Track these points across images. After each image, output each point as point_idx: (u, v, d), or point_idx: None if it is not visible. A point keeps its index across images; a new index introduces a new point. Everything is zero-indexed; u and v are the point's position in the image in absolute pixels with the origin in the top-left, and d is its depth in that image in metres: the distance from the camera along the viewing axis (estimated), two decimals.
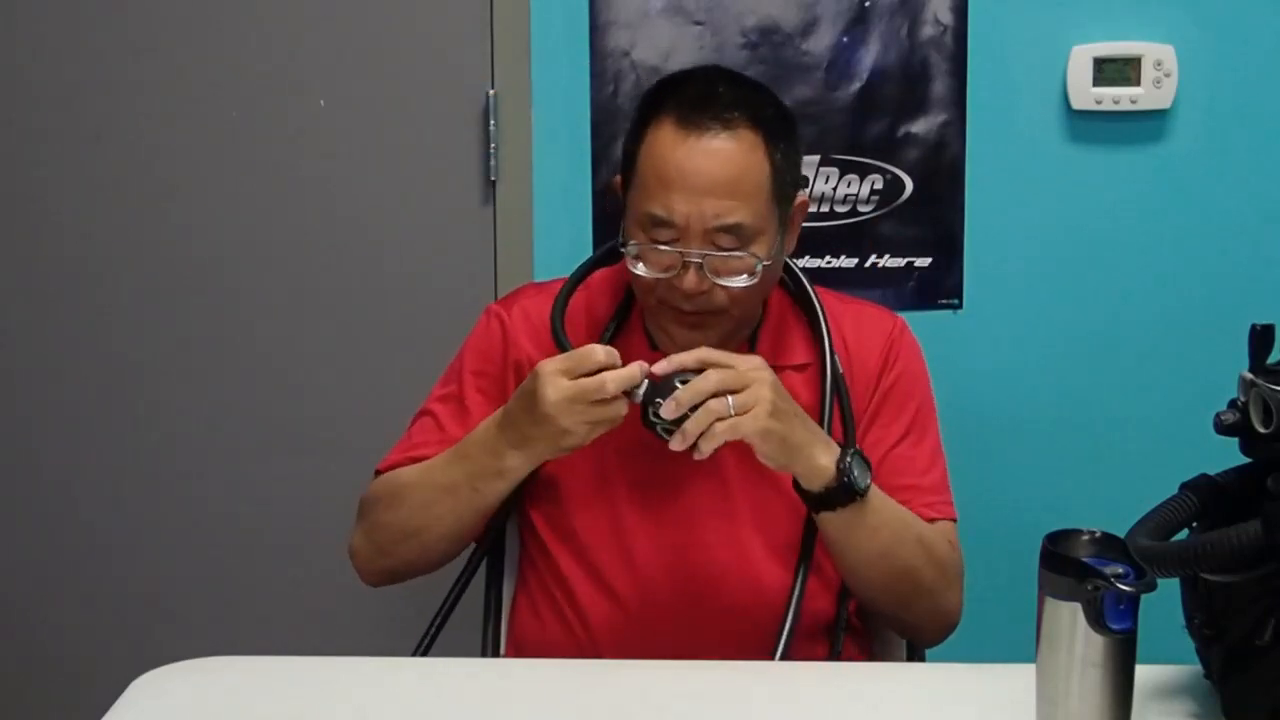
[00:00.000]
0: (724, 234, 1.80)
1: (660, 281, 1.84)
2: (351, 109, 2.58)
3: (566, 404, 1.72)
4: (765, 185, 1.83)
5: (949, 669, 1.79)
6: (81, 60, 2.59)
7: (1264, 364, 1.50)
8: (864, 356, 1.96)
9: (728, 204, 1.80)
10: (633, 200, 1.86)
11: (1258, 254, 2.57)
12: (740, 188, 1.81)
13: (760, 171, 1.83)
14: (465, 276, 2.59)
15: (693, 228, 1.80)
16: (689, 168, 1.80)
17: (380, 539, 1.93)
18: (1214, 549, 1.43)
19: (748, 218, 1.81)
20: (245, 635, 2.40)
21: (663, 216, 1.80)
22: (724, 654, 1.80)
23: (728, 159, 1.81)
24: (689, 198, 1.79)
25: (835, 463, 1.77)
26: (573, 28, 2.52)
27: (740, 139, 1.82)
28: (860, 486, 1.77)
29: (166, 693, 1.69)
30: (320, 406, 2.66)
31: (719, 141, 1.81)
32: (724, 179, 1.80)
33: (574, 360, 1.74)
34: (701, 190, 1.79)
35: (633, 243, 1.84)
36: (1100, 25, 2.51)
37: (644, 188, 1.83)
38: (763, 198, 1.82)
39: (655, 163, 1.82)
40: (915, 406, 1.97)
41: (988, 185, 2.57)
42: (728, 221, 1.80)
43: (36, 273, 2.66)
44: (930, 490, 1.95)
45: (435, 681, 1.72)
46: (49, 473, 2.71)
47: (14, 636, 2.74)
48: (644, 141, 1.85)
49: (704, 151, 1.81)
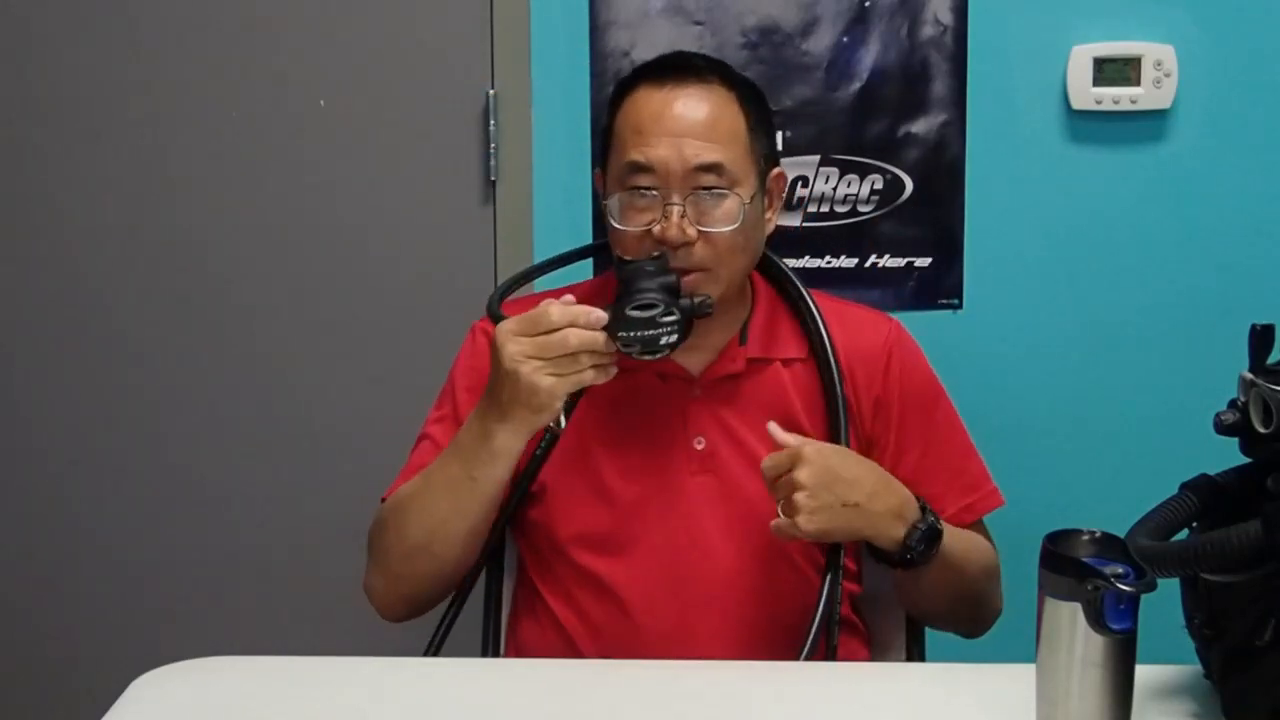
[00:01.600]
0: (705, 173, 1.81)
1: (644, 243, 1.82)
2: (351, 109, 2.58)
3: (524, 359, 1.70)
4: (742, 134, 1.84)
5: (949, 669, 1.78)
6: (82, 60, 2.59)
7: (1264, 364, 1.50)
8: (856, 361, 1.95)
9: (706, 144, 1.81)
10: (612, 164, 1.87)
11: (1258, 254, 2.57)
12: (717, 130, 1.82)
13: (736, 120, 1.84)
14: (465, 276, 2.59)
15: (673, 170, 1.80)
16: (666, 113, 1.82)
17: (392, 563, 1.89)
18: (1214, 549, 1.43)
19: (727, 159, 1.82)
20: (245, 635, 2.40)
21: (641, 162, 1.81)
22: (721, 651, 1.80)
23: (703, 101, 1.83)
24: (668, 141, 1.81)
25: (904, 538, 1.79)
26: (573, 28, 2.53)
27: (715, 92, 1.85)
28: (921, 562, 1.80)
29: (166, 693, 1.69)
30: (320, 406, 2.66)
31: (693, 90, 1.84)
32: (701, 121, 1.82)
33: (528, 321, 1.72)
34: (679, 132, 1.81)
35: (614, 196, 1.85)
36: (1100, 25, 2.51)
37: (621, 144, 1.85)
38: (740, 145, 1.84)
39: (632, 118, 1.84)
40: (932, 410, 1.98)
41: (988, 185, 2.57)
42: (707, 160, 1.81)
43: (36, 273, 2.66)
44: (970, 488, 1.97)
45: (435, 681, 1.72)
46: (49, 473, 2.71)
47: (14, 636, 2.74)
48: (619, 110, 1.87)
49: (680, 97, 1.83)
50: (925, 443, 1.96)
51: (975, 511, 1.96)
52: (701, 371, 1.92)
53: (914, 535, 1.78)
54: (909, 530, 1.79)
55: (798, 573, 1.91)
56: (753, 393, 1.92)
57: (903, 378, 1.96)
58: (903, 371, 1.97)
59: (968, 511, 1.95)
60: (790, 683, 1.73)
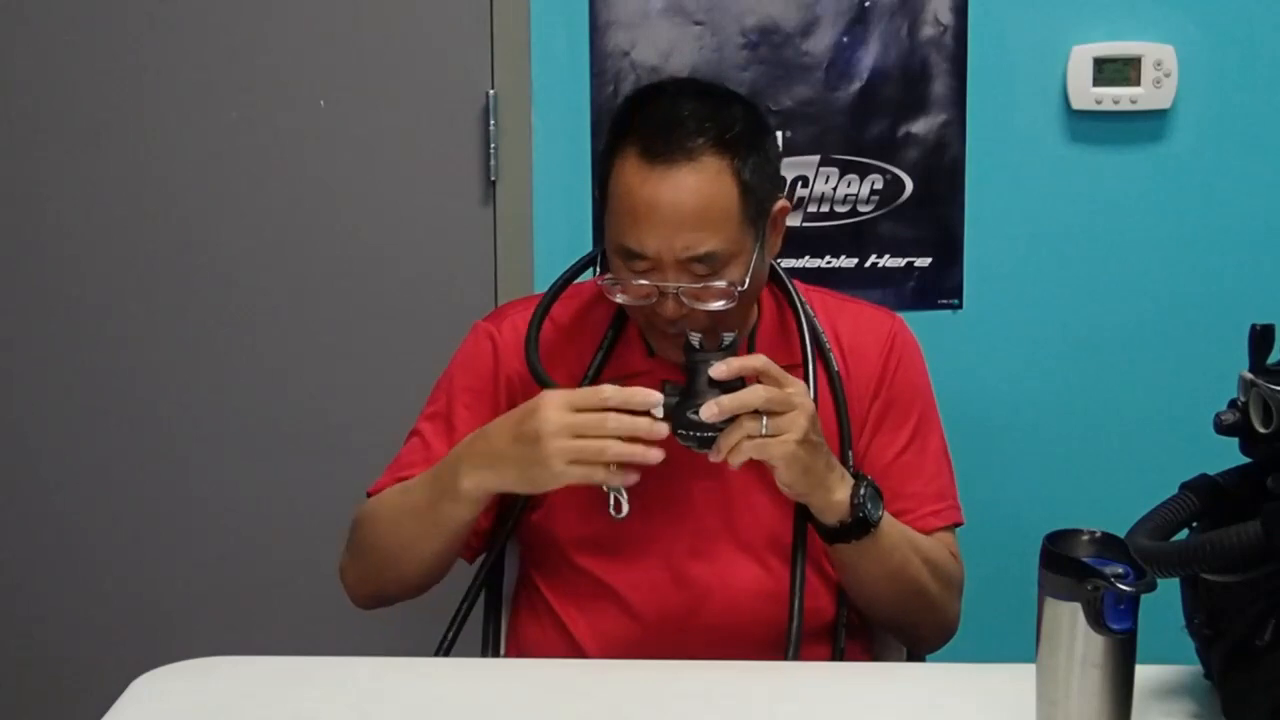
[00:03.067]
0: (697, 264, 1.80)
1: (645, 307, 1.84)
2: (351, 109, 2.58)
3: (557, 432, 1.70)
4: (735, 209, 1.81)
5: (949, 669, 1.79)
6: (81, 60, 2.59)
7: (1264, 364, 1.50)
8: (861, 357, 1.96)
9: (697, 235, 1.79)
10: (608, 228, 1.86)
11: (1258, 254, 2.57)
12: (709, 217, 1.79)
13: (728, 197, 1.80)
14: (465, 276, 2.59)
15: (665, 260, 1.79)
16: (656, 203, 1.79)
17: (362, 564, 1.94)
18: (1214, 549, 1.43)
19: (719, 245, 1.79)
20: (245, 635, 2.40)
21: (636, 250, 1.80)
22: (724, 655, 1.80)
23: (693, 190, 1.79)
24: (659, 232, 1.79)
25: (850, 497, 1.78)
26: (573, 28, 2.53)
27: (705, 168, 1.79)
28: (874, 519, 1.79)
29: (166, 693, 1.69)
30: (320, 406, 2.66)
31: (683, 174, 1.79)
32: (691, 211, 1.78)
33: (579, 396, 1.73)
34: (671, 224, 1.78)
35: (608, 276, 1.85)
36: (1100, 25, 2.51)
37: (615, 221, 1.83)
38: (733, 223, 1.81)
39: (623, 197, 1.82)
40: (919, 412, 1.98)
41: (988, 185, 2.57)
42: (698, 252, 1.79)
43: (35, 273, 2.66)
44: (936, 497, 1.95)
45: (435, 681, 1.72)
46: (49, 473, 2.71)
47: (14, 636, 2.74)
48: (612, 170, 1.84)
49: (670, 185, 1.79)
50: (909, 439, 1.95)
51: (942, 519, 1.96)
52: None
53: (858, 493, 1.78)
54: (853, 491, 1.79)
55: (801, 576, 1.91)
56: None
57: (899, 370, 1.97)
58: (900, 364, 1.97)
59: (935, 517, 1.95)
60: (790, 683, 1.73)
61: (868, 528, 1.79)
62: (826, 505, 1.79)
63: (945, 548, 1.93)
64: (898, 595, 1.88)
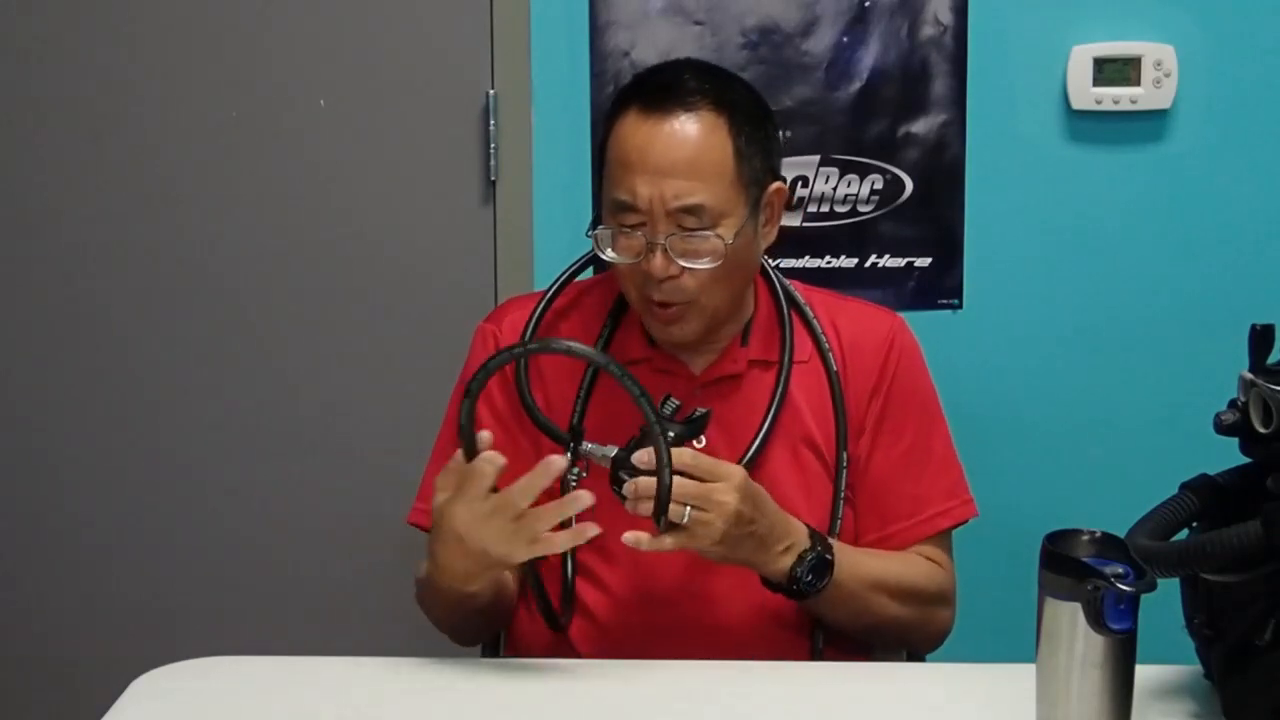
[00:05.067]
0: (686, 214, 1.81)
1: (634, 270, 1.84)
2: (351, 109, 2.58)
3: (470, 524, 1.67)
4: (728, 166, 1.83)
5: (949, 669, 1.79)
6: (81, 60, 2.59)
7: (1264, 364, 1.50)
8: (861, 356, 1.96)
9: (688, 184, 1.80)
10: (603, 190, 1.88)
11: (1258, 254, 2.57)
12: (700, 168, 1.81)
13: (722, 152, 1.82)
14: (465, 276, 2.59)
15: (655, 210, 1.80)
16: (649, 150, 1.81)
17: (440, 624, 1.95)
18: (1214, 549, 1.43)
19: (709, 199, 1.81)
20: (245, 635, 2.40)
21: (627, 201, 1.81)
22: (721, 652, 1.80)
23: (686, 139, 1.81)
24: (650, 180, 1.80)
25: (790, 568, 1.78)
26: (573, 28, 2.53)
27: (701, 120, 1.82)
28: (813, 591, 1.80)
29: (166, 693, 1.69)
30: (320, 406, 2.66)
31: (678, 123, 1.82)
32: (683, 159, 1.81)
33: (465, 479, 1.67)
34: (662, 171, 1.80)
35: (602, 227, 1.86)
36: (1100, 25, 2.51)
37: (610, 175, 1.85)
38: (725, 179, 1.82)
39: (618, 149, 1.84)
40: (920, 411, 1.98)
41: (988, 185, 2.57)
42: (688, 202, 1.80)
43: (35, 273, 2.65)
44: (945, 495, 1.96)
45: (435, 681, 1.72)
46: (49, 473, 2.70)
47: (14, 636, 2.74)
48: (611, 133, 1.87)
49: (664, 134, 1.81)
50: (912, 439, 1.96)
51: (953, 517, 1.96)
52: (703, 370, 1.93)
53: (801, 565, 1.78)
54: (796, 561, 1.78)
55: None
56: (752, 393, 1.92)
57: (899, 370, 1.97)
58: (900, 364, 1.97)
59: (943, 517, 1.95)
60: (790, 683, 1.73)
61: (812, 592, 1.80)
62: (766, 573, 1.80)
63: (929, 566, 1.93)
64: (867, 629, 1.90)
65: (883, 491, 1.92)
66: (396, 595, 2.09)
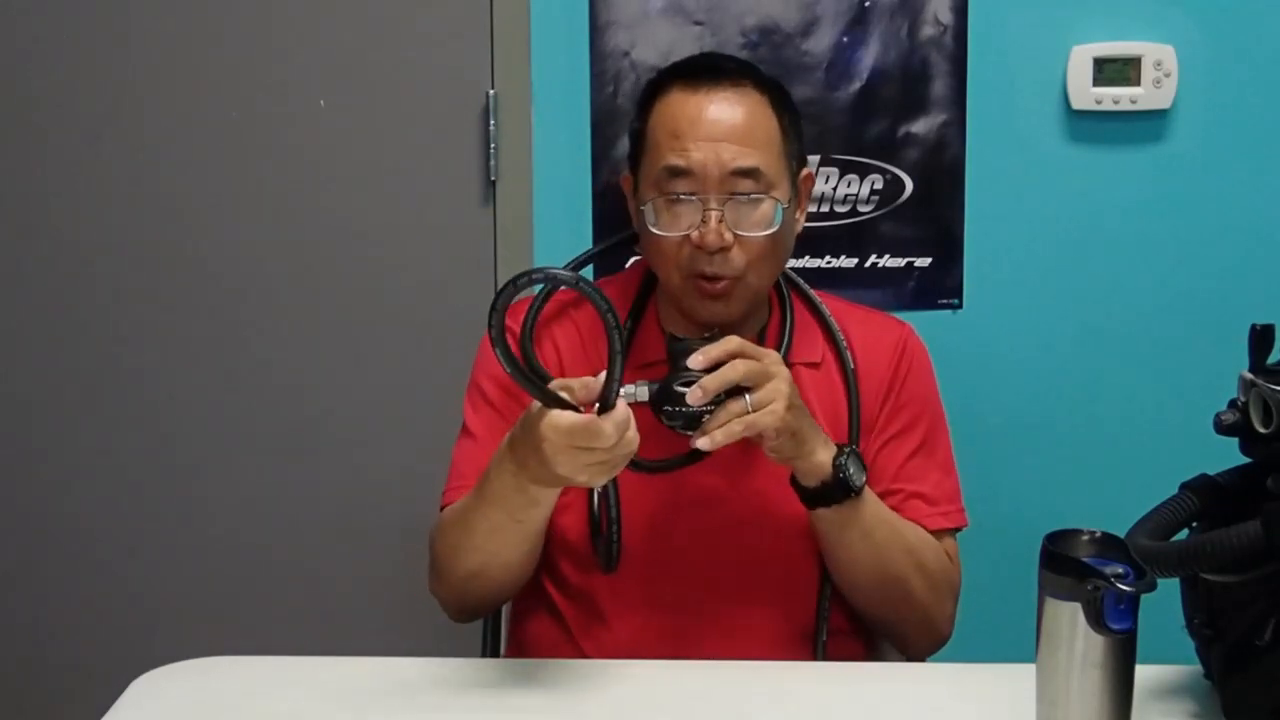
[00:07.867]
0: (743, 178, 1.81)
1: (681, 246, 1.83)
2: (351, 109, 2.58)
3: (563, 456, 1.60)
4: (776, 138, 1.85)
5: (949, 669, 1.79)
6: (82, 60, 2.59)
7: (1264, 364, 1.51)
8: (873, 360, 1.97)
9: (744, 149, 1.82)
10: (646, 167, 1.86)
11: (1258, 254, 2.57)
12: (754, 135, 1.83)
13: (770, 124, 1.85)
14: (465, 276, 2.59)
15: (710, 173, 1.81)
16: (703, 117, 1.82)
17: (453, 582, 1.87)
18: (1214, 549, 1.43)
19: (763, 163, 1.82)
20: (245, 635, 2.40)
21: (680, 165, 1.81)
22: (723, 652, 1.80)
23: (738, 105, 1.84)
24: (705, 144, 1.81)
25: (832, 459, 1.78)
26: (573, 28, 2.52)
27: (748, 95, 1.85)
28: (855, 484, 1.79)
29: (166, 693, 1.69)
30: (320, 406, 2.66)
31: (728, 93, 1.84)
32: (738, 125, 1.82)
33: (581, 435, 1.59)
34: (717, 135, 1.81)
35: (649, 202, 1.84)
36: (1100, 25, 2.51)
37: (657, 148, 1.85)
38: (775, 149, 1.84)
39: (667, 121, 1.84)
40: (928, 419, 1.99)
41: (988, 185, 2.57)
42: (745, 165, 1.81)
43: (35, 273, 2.65)
44: (943, 500, 1.96)
45: (435, 681, 1.72)
46: (49, 473, 2.70)
47: (14, 636, 2.74)
48: (652, 112, 1.87)
49: (715, 101, 1.83)
50: (918, 444, 1.96)
51: (950, 519, 1.97)
52: None
53: (842, 456, 1.78)
54: (835, 454, 1.78)
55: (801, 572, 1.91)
56: None
57: (910, 376, 1.98)
58: (911, 371, 1.98)
59: (941, 518, 1.95)
60: (790, 683, 1.73)
61: (849, 491, 1.78)
62: (810, 467, 1.79)
63: (940, 549, 1.93)
64: (879, 580, 1.87)
65: (885, 493, 1.92)
66: (396, 595, 2.09)
